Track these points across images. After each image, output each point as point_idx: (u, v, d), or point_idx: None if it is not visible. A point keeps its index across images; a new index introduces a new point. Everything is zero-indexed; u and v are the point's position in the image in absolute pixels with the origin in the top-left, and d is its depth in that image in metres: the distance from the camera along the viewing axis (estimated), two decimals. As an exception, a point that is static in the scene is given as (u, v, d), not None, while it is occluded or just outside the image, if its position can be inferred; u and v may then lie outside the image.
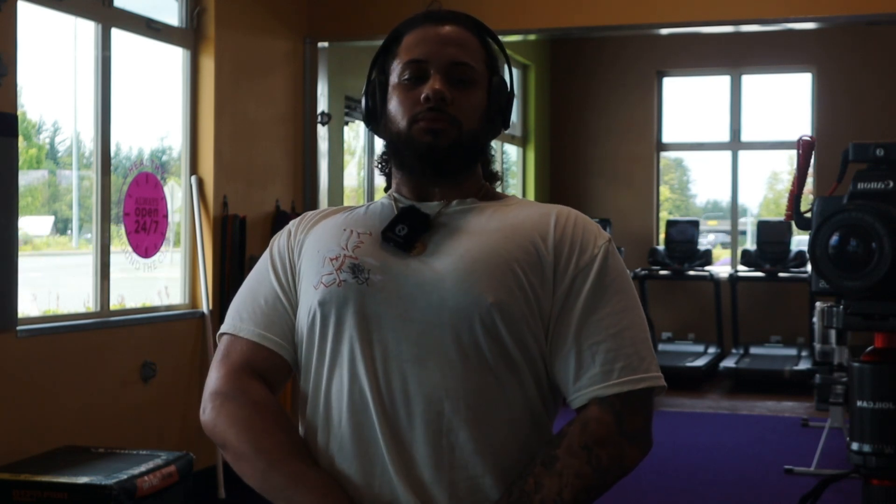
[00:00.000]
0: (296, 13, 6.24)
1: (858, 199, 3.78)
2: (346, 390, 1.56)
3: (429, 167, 1.61)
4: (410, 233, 1.58)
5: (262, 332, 1.63)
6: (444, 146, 1.58)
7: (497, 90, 1.65)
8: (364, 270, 1.57)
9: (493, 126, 1.66)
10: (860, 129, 8.92)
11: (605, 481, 1.52)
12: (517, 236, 1.59)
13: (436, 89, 1.58)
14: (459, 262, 1.56)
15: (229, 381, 1.60)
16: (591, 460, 1.51)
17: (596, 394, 1.54)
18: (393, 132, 1.62)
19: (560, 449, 1.52)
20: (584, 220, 1.63)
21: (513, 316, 1.54)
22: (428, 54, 1.60)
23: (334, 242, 1.62)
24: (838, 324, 3.94)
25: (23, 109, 4.62)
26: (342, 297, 1.57)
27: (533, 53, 9.97)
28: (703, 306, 10.00)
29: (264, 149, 5.97)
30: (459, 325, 1.53)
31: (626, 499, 5.57)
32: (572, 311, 1.56)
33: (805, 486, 4.53)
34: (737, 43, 9.62)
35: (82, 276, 4.95)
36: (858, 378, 3.82)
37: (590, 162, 10.40)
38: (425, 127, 1.58)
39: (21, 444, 4.20)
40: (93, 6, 4.85)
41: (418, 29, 1.64)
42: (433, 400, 1.53)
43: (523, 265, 1.56)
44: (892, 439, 3.75)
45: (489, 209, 1.64)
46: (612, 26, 6.28)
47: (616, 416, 1.53)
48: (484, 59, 1.65)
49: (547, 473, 1.50)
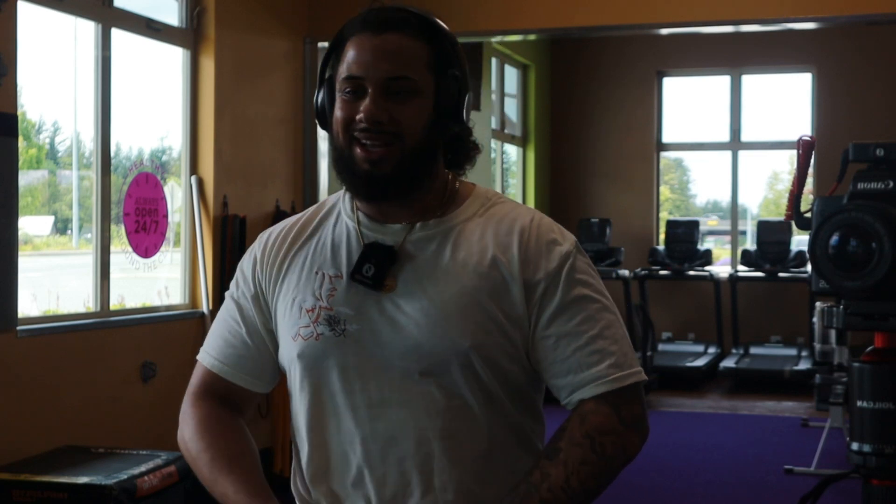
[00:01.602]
0: (296, 13, 6.24)
1: (858, 199, 3.78)
2: (334, 441, 1.61)
3: (372, 194, 1.59)
4: (378, 271, 1.58)
5: (221, 363, 1.72)
6: (384, 172, 1.56)
7: (445, 90, 1.59)
8: (340, 321, 1.59)
9: (445, 127, 1.60)
10: (860, 129, 8.91)
11: (610, 468, 1.54)
12: (483, 265, 1.58)
13: (369, 112, 1.54)
14: (431, 306, 1.56)
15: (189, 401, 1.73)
16: (595, 448, 1.53)
17: (590, 393, 1.56)
18: (335, 146, 1.60)
19: (562, 441, 1.54)
20: (548, 228, 1.62)
21: (490, 354, 1.56)
22: (364, 71, 1.55)
23: (308, 291, 1.63)
24: (838, 324, 3.94)
25: (23, 109, 4.62)
26: (321, 352, 1.60)
27: (533, 53, 9.96)
28: (703, 306, 10.00)
29: (264, 149, 5.97)
30: (439, 369, 1.56)
31: (627, 499, 5.57)
32: (551, 322, 1.58)
33: (805, 486, 4.53)
34: (737, 43, 9.61)
35: (82, 276, 4.95)
36: (858, 378, 3.82)
37: (590, 162, 10.40)
38: (363, 156, 1.56)
39: (21, 444, 4.19)
40: (93, 6, 4.84)
41: (358, 37, 1.58)
42: (422, 442, 1.56)
43: (493, 296, 1.57)
44: (892, 439, 3.75)
45: (454, 232, 1.61)
46: (612, 26, 6.27)
47: (613, 407, 1.55)
48: (427, 62, 1.58)
49: (552, 464, 1.52)
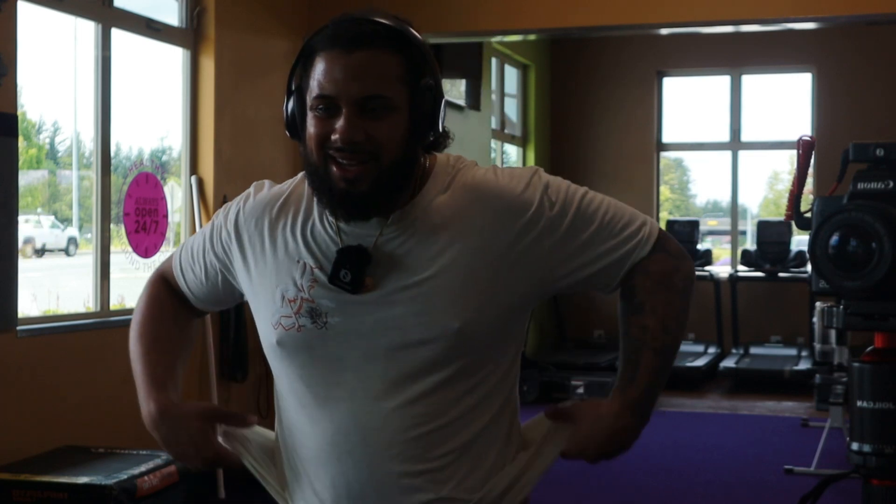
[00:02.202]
0: (296, 13, 6.24)
1: (858, 199, 3.78)
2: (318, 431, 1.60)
3: (349, 211, 1.56)
4: (355, 276, 1.56)
5: (185, 281, 1.79)
6: (361, 190, 1.53)
7: (420, 102, 1.55)
8: (322, 314, 1.58)
9: (422, 137, 1.58)
10: (860, 129, 8.90)
11: (689, 297, 1.65)
12: (463, 240, 1.57)
13: (345, 134, 1.51)
14: (417, 294, 1.55)
15: (153, 278, 1.84)
16: (671, 287, 1.63)
17: (639, 256, 1.64)
18: (309, 161, 1.57)
19: (638, 296, 1.62)
20: (509, 175, 1.62)
21: (480, 329, 1.56)
22: (337, 91, 1.52)
23: (289, 279, 1.61)
24: (838, 324, 3.94)
25: (23, 109, 4.62)
26: (303, 343, 1.59)
27: (533, 53, 9.97)
28: (703, 306, 9.99)
29: (264, 149, 5.97)
30: (425, 355, 1.55)
31: (628, 499, 5.57)
32: (567, 248, 1.61)
33: (805, 486, 4.53)
34: (737, 43, 9.61)
35: (82, 276, 4.95)
36: (858, 378, 3.82)
37: (590, 162, 10.40)
38: (339, 175, 1.53)
39: (21, 444, 4.19)
40: (93, 6, 4.84)
41: (328, 53, 1.53)
42: (409, 427, 1.55)
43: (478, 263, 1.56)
44: (892, 439, 3.76)
45: (426, 215, 1.58)
46: (612, 26, 6.27)
47: (660, 252, 1.65)
48: (399, 75, 1.54)
49: (643, 316, 1.60)
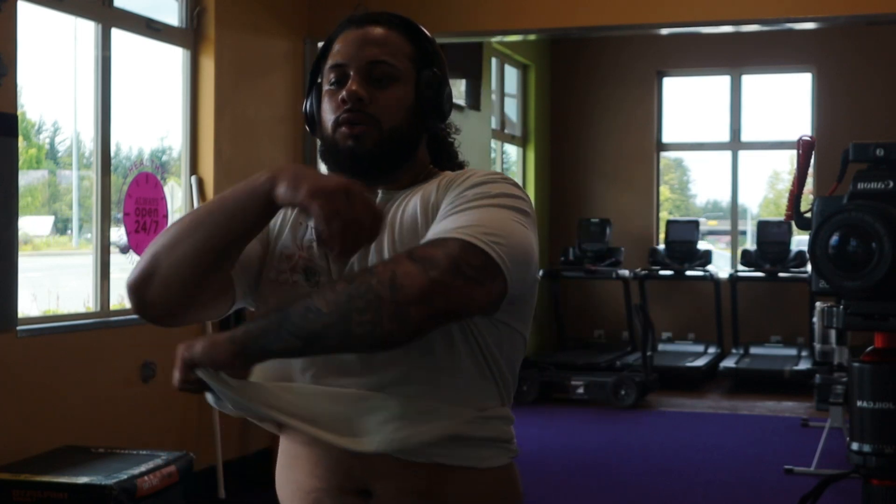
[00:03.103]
0: (296, 13, 6.24)
1: (858, 199, 3.78)
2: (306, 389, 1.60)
3: (356, 171, 1.63)
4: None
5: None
6: (366, 149, 1.62)
7: (425, 84, 1.66)
8: (316, 273, 1.64)
9: (425, 120, 1.68)
10: (860, 129, 8.91)
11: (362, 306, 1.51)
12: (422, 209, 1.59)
13: (351, 90, 1.62)
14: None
15: None
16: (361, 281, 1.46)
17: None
18: (322, 137, 1.68)
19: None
20: (478, 170, 1.65)
21: None
22: (347, 57, 1.64)
23: (291, 238, 1.68)
24: (838, 324, 3.94)
25: (23, 109, 4.62)
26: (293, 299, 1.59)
27: (533, 53, 9.97)
28: (703, 306, 10.00)
29: (264, 149, 5.97)
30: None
31: (627, 498, 5.57)
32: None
33: (805, 486, 4.53)
34: (737, 43, 9.61)
35: (82, 276, 4.95)
36: (858, 378, 3.82)
37: (590, 162, 10.40)
38: (346, 132, 1.63)
39: (21, 444, 4.19)
40: (93, 6, 4.84)
41: (343, 34, 1.68)
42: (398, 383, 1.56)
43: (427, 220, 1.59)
44: (892, 439, 3.75)
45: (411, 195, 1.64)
46: (612, 26, 6.28)
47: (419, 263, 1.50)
48: (409, 54, 1.67)
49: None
